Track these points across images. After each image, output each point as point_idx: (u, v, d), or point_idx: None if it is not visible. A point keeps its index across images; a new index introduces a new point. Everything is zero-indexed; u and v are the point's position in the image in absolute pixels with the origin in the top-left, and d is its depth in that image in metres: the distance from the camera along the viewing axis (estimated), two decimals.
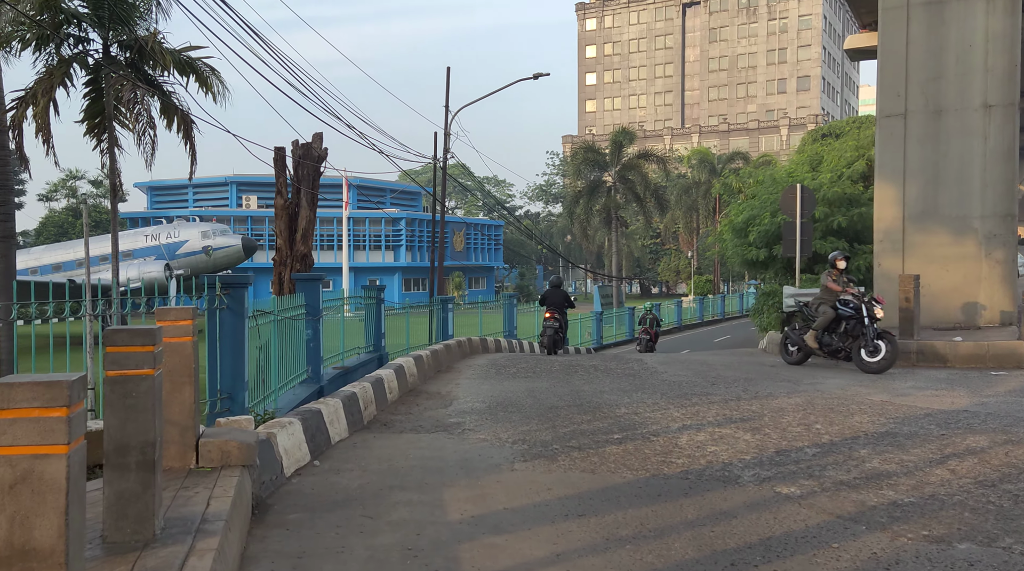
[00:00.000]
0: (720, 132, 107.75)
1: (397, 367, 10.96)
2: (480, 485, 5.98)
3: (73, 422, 2.53)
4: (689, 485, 5.80)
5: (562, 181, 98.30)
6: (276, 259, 17.95)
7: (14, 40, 13.80)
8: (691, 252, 53.31)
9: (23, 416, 2.45)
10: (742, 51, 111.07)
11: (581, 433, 7.80)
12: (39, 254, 37.25)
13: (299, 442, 6.75)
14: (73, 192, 56.41)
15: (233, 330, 7.67)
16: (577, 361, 14.29)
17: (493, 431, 8.11)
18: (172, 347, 5.13)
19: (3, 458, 2.45)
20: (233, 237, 37.46)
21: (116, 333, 3.79)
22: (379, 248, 60.62)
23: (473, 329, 23.09)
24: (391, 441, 7.76)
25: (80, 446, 2.62)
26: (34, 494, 2.48)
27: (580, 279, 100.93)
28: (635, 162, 41.97)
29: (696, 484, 5.82)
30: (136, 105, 13.31)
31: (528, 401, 9.89)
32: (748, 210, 23.93)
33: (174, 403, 5.13)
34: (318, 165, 18.30)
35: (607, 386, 11.01)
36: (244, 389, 7.76)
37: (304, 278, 11.76)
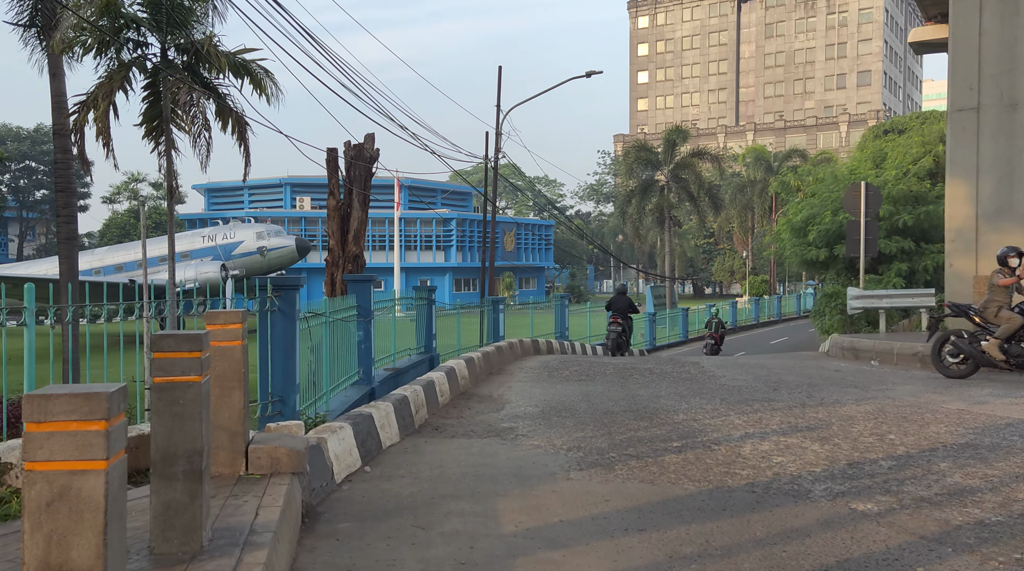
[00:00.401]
0: (776, 129, 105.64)
1: (448, 370, 10.81)
2: (535, 495, 5.77)
3: (112, 436, 2.39)
4: (756, 499, 5.50)
5: (613, 180, 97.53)
6: (328, 260, 18.04)
7: (76, 46, 14.05)
8: (746, 252, 52.24)
9: (60, 430, 2.32)
10: (799, 46, 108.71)
11: (638, 440, 7.53)
12: (102, 255, 38.25)
13: (350, 447, 6.63)
14: (135, 194, 57.89)
15: (284, 332, 7.60)
16: (632, 364, 13.98)
17: (547, 437, 7.89)
18: (221, 351, 5.03)
19: (40, 474, 2.32)
20: (287, 238, 37.93)
21: (163, 338, 3.67)
22: (430, 248, 60.88)
23: (524, 330, 22.90)
24: (442, 446, 7.60)
25: (120, 461, 2.48)
26: (71, 512, 2.35)
27: (632, 279, 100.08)
28: (689, 161, 41.23)
29: (763, 498, 5.52)
30: (192, 107, 13.43)
31: (582, 406, 9.64)
32: (807, 209, 23.28)
33: (223, 408, 5.03)
34: (370, 166, 18.32)
35: (664, 391, 10.70)
36: (295, 392, 7.68)
37: (356, 279, 11.70)
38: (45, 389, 2.38)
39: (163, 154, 14.19)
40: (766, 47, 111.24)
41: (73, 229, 15.67)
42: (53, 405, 2.33)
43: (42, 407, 2.32)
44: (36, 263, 39.17)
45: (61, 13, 13.23)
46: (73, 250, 15.59)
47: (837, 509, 5.26)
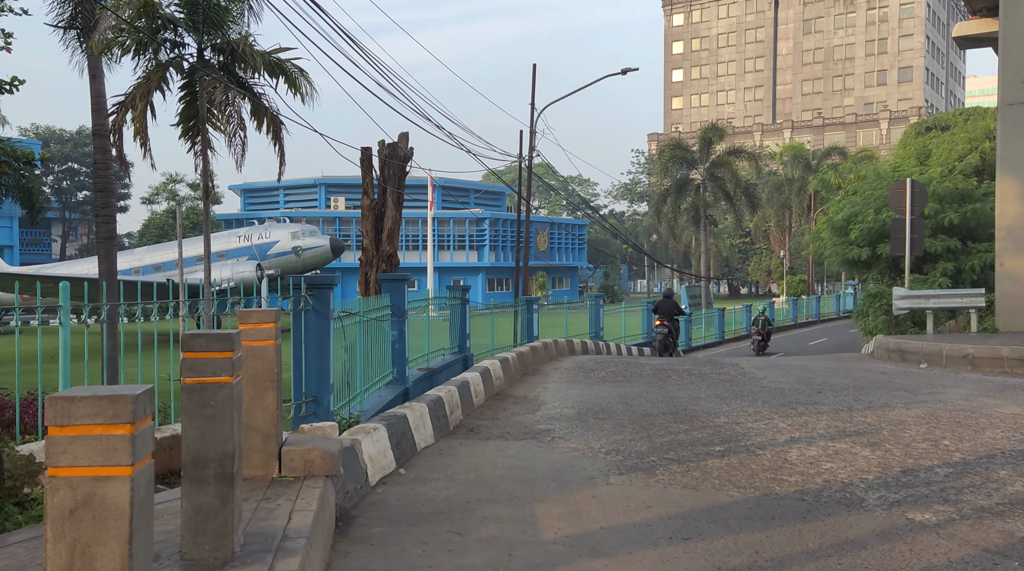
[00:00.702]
0: (814, 127, 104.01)
1: (483, 370, 10.68)
2: (574, 500, 5.59)
3: (138, 440, 2.27)
4: (806, 507, 5.26)
5: (647, 179, 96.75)
6: (362, 259, 18.02)
7: (115, 47, 14.15)
8: (783, 251, 51.39)
9: (84, 434, 2.21)
10: (839, 42, 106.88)
11: (679, 444, 7.32)
12: (141, 255, 38.79)
13: (384, 449, 6.51)
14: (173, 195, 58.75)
15: (318, 332, 7.52)
16: (669, 365, 13.72)
17: (584, 440, 7.71)
18: (254, 351, 4.93)
19: (64, 480, 2.21)
20: (321, 238, 38.12)
21: (193, 338, 3.56)
22: (463, 248, 60.89)
23: (558, 330, 22.70)
24: (478, 448, 7.46)
25: (146, 467, 2.36)
26: (96, 520, 2.23)
27: (666, 279, 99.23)
28: (725, 159, 40.63)
29: (814, 507, 5.28)
30: (227, 107, 13.47)
31: (620, 408, 9.44)
32: (849, 207, 22.77)
33: (256, 409, 4.93)
34: (404, 165, 18.27)
35: (703, 392, 10.45)
36: (329, 392, 7.59)
37: (390, 279, 11.62)
38: (69, 391, 2.27)
39: (199, 154, 14.24)
40: (804, 43, 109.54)
41: (112, 229, 15.80)
42: (76, 408, 2.21)
43: (65, 410, 2.21)
44: (77, 263, 39.86)
45: (100, 14, 13.34)
46: (112, 250, 15.71)
47: (893, 519, 5.00)
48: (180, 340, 3.62)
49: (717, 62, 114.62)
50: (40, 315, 5.66)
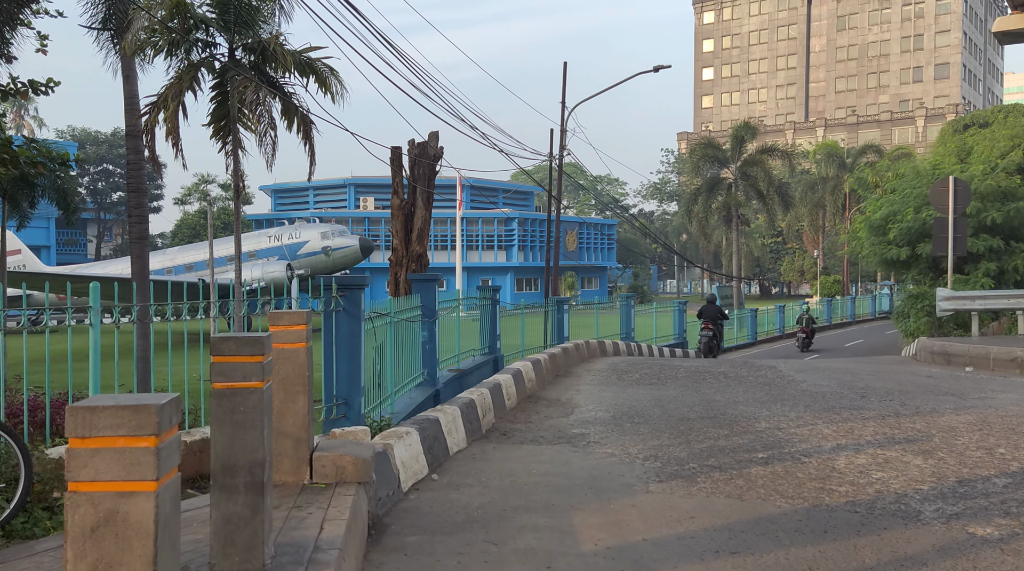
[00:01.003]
0: (848, 125, 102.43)
1: (515, 372, 10.50)
2: (613, 509, 5.39)
3: (163, 453, 2.12)
4: (860, 520, 5.01)
5: (677, 179, 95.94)
6: (392, 259, 17.92)
7: (148, 47, 14.17)
8: (817, 251, 50.55)
9: (106, 446, 2.07)
10: (873, 39, 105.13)
11: (719, 450, 7.08)
12: (173, 255, 39.16)
13: (416, 454, 6.36)
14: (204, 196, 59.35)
15: (349, 333, 7.39)
16: (705, 367, 13.44)
17: (621, 445, 7.50)
18: (285, 354, 4.80)
19: (85, 496, 2.07)
20: (351, 238, 38.19)
21: (223, 341, 3.42)
22: (491, 248, 60.77)
23: (588, 331, 22.46)
24: (512, 453, 7.28)
25: (172, 481, 2.21)
26: (118, 539, 2.09)
27: (696, 279, 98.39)
28: (757, 157, 39.99)
29: (868, 519, 5.03)
30: (258, 106, 13.42)
31: (656, 411, 9.21)
32: (887, 206, 22.27)
33: (287, 414, 4.80)
34: (434, 164, 18.14)
35: (741, 396, 10.18)
36: (360, 395, 7.46)
37: (420, 279, 11.49)
38: (91, 400, 2.13)
39: (230, 154, 14.22)
40: (838, 40, 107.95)
41: (144, 229, 15.86)
42: (98, 418, 2.07)
43: (86, 420, 2.07)
44: (111, 263, 40.37)
45: (133, 14, 13.37)
46: (144, 250, 15.77)
47: (953, 534, 4.74)
48: (210, 343, 3.48)
49: (748, 60, 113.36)
50: (71, 315, 5.58)
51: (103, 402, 2.08)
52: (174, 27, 13.81)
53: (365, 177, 62.35)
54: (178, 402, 2.24)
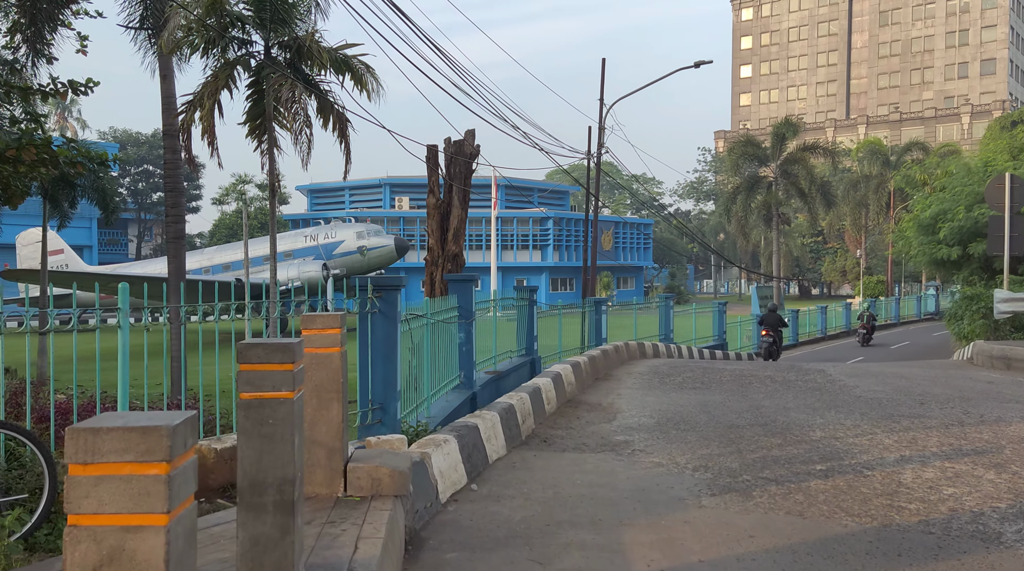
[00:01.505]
0: (891, 122, 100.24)
1: (555, 375, 10.18)
2: (664, 526, 5.06)
3: (176, 482, 1.85)
4: (936, 542, 4.61)
5: (714, 178, 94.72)
6: (428, 259, 17.70)
7: (184, 46, 14.11)
8: (860, 251, 49.40)
9: (111, 474, 1.80)
10: (917, 34, 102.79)
11: (774, 461, 6.69)
12: (211, 254, 39.46)
13: (455, 463, 6.08)
14: (242, 196, 59.87)
15: (385, 335, 7.14)
16: (750, 370, 12.99)
17: (668, 453, 7.15)
18: (319, 359, 4.55)
19: (86, 531, 1.81)
20: (386, 237, 38.13)
21: (250, 348, 3.16)
22: (526, 248, 60.43)
23: (625, 332, 22.05)
24: (554, 462, 6.97)
25: (186, 512, 1.94)
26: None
27: (733, 279, 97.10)
28: (799, 155, 39.08)
29: (945, 541, 4.63)
30: (293, 104, 13.27)
31: (702, 418, 8.83)
32: (937, 204, 21.54)
33: (320, 422, 4.54)
34: (470, 162, 17.89)
35: (791, 402, 9.75)
36: (396, 399, 7.21)
37: (457, 279, 11.23)
38: (95, 421, 1.87)
39: (266, 153, 14.11)
40: (880, 36, 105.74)
41: (181, 229, 15.83)
42: (102, 442, 1.81)
43: (88, 444, 1.81)
44: (151, 262, 40.81)
45: (170, 12, 13.31)
46: (181, 249, 15.74)
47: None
48: (236, 350, 3.22)
49: (788, 56, 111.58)
50: (99, 315, 5.39)
51: (108, 423, 1.82)
52: (211, 25, 13.73)
53: (400, 177, 62.43)
54: (193, 422, 1.97)
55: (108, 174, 20.23)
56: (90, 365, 5.92)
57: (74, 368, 5.72)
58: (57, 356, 17.38)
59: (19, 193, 10.65)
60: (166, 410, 6.12)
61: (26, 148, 9.73)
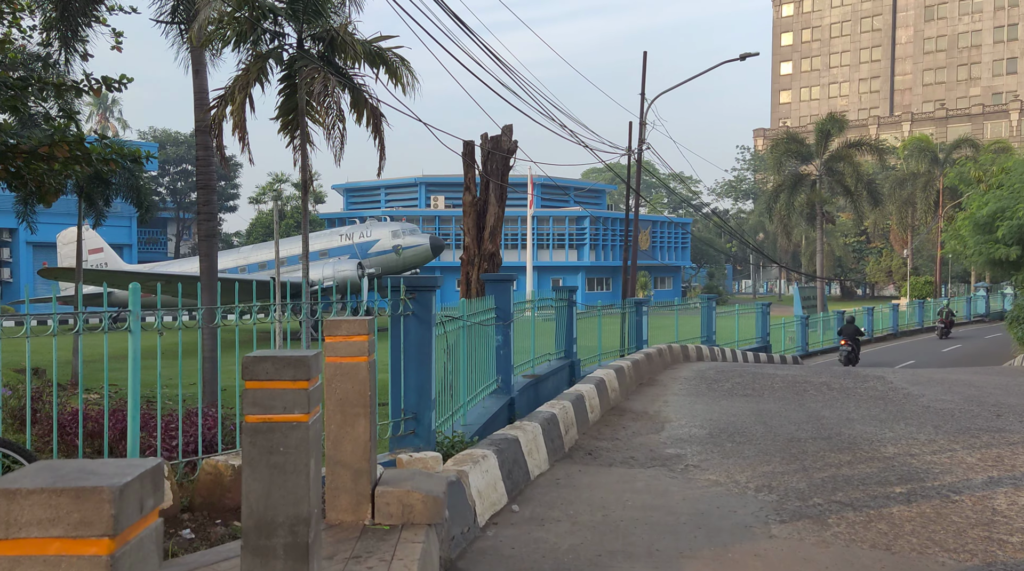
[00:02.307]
0: (936, 119, 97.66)
1: (598, 381, 9.61)
2: (732, 559, 4.47)
3: (123, 563, 1.33)
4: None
5: (753, 176, 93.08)
6: (463, 258, 17.20)
7: (216, 39, 13.77)
8: (906, 251, 47.85)
9: (33, 554, 1.29)
10: (964, 29, 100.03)
11: (845, 481, 6.06)
12: (247, 253, 39.45)
13: (494, 480, 5.55)
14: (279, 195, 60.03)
15: (419, 339, 6.63)
16: (804, 376, 12.28)
17: (725, 470, 6.55)
18: (344, 369, 4.04)
19: None
20: (421, 236, 37.79)
21: (258, 362, 2.65)
22: (562, 247, 59.76)
23: (664, 333, 21.37)
24: (600, 478, 6.41)
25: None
26: None
27: (772, 279, 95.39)
28: (845, 152, 37.89)
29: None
30: (326, 98, 12.84)
31: (758, 429, 8.20)
32: (994, 202, 20.48)
33: (345, 440, 4.04)
34: (507, 159, 17.37)
35: (853, 412, 9.05)
36: (430, 408, 6.70)
37: (494, 279, 10.71)
38: (14, 477, 1.36)
39: (298, 148, 13.72)
40: (926, 31, 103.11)
41: (213, 226, 15.53)
42: (21, 509, 1.30)
43: (3, 513, 1.30)
44: (188, 261, 40.95)
45: (200, 3, 12.98)
46: (213, 247, 15.44)
47: None
48: (242, 364, 2.72)
49: (830, 53, 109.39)
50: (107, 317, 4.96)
51: (31, 482, 1.31)
52: (242, 16, 13.37)
53: (436, 175, 62.22)
54: (156, 475, 1.45)
55: (143, 172, 20.07)
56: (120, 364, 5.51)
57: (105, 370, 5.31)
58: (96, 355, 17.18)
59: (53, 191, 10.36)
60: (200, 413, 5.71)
61: (58, 145, 9.44)
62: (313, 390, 2.73)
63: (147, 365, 5.11)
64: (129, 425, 4.76)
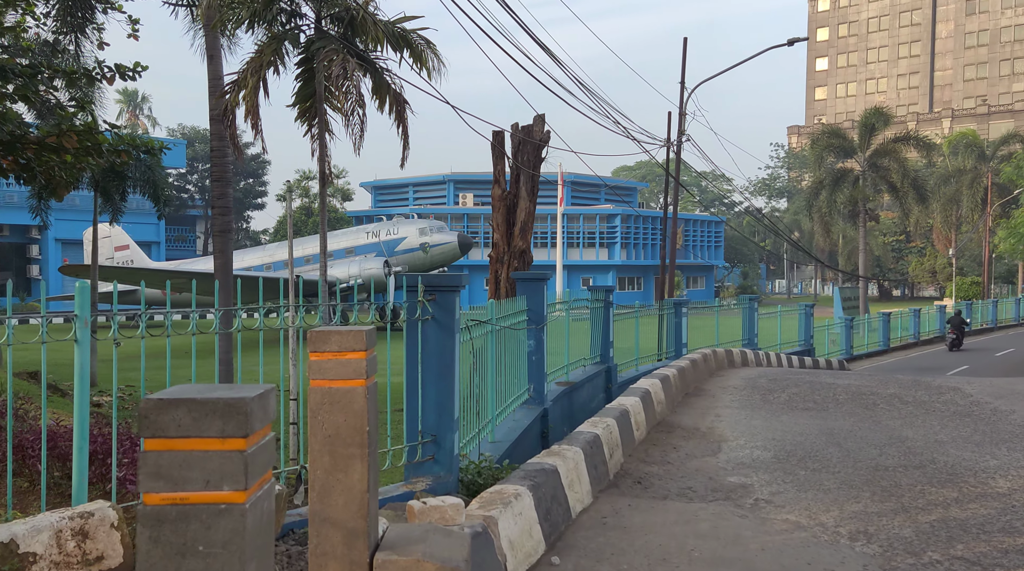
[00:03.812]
0: (978, 115, 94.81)
1: (643, 393, 8.53)
2: None
3: None
4: None
5: (787, 174, 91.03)
6: (492, 256, 16.16)
7: (228, 21, 12.90)
8: (951, 250, 46.00)
9: None
10: (1007, 23, 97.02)
11: (960, 527, 4.93)
12: (272, 251, 38.84)
13: (529, 525, 4.52)
14: (306, 192, 59.51)
15: (440, 348, 5.62)
16: (868, 387, 11.08)
17: (805, 507, 5.46)
18: (334, 397, 3.03)
19: None
20: (449, 234, 36.91)
21: (165, 409, 1.64)
22: (592, 245, 58.58)
23: (702, 335, 20.19)
24: (655, 516, 5.35)
25: None
26: None
27: (806, 279, 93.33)
28: (891, 147, 36.27)
29: None
30: (345, 81, 11.89)
31: (833, 452, 7.08)
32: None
33: (335, 491, 3.03)
34: (539, 150, 16.31)
35: (940, 432, 7.88)
36: (453, 430, 5.68)
37: (526, 278, 9.67)
38: None
39: (315, 138, 12.80)
40: (967, 25, 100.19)
41: (228, 221, 14.69)
42: None
43: None
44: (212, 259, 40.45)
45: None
46: (228, 243, 14.62)
47: None
48: (140, 410, 1.70)
49: (867, 48, 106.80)
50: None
51: None
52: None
53: (464, 173, 61.38)
54: None
55: (160, 166, 19.35)
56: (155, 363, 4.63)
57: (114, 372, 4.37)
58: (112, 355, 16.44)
59: (64, 184, 9.53)
60: None
61: (67, 135, 8.61)
62: (254, 451, 1.72)
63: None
64: (75, 459, 3.80)
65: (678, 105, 19.76)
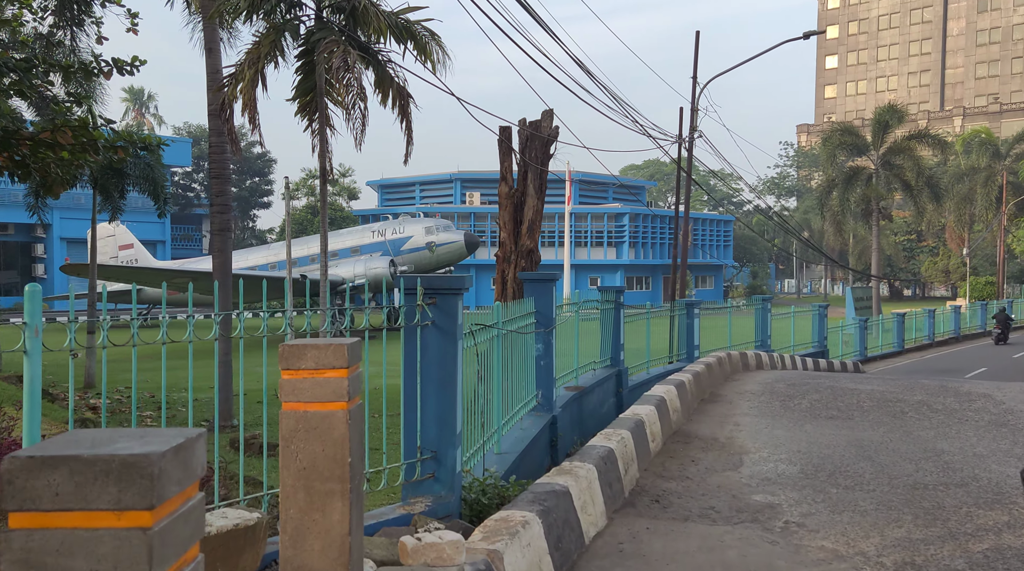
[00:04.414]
0: (990, 114, 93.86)
1: (658, 401, 8.04)
2: None
3: None
4: None
5: (796, 173, 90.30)
6: (499, 255, 15.68)
7: (225, 11, 12.47)
8: (965, 249, 45.31)
9: None
10: (1019, 20, 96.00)
11: (1018, 557, 4.44)
12: (277, 250, 38.46)
13: (539, 557, 4.04)
14: (312, 191, 59.11)
15: (441, 356, 5.15)
16: (894, 394, 10.56)
17: (841, 532, 4.97)
18: (310, 423, 2.56)
19: None
20: (456, 233, 36.44)
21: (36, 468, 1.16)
22: (600, 245, 58.03)
23: (712, 336, 19.64)
24: (677, 542, 4.86)
25: None
26: None
27: (816, 279, 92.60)
28: (905, 145, 35.64)
29: None
30: (346, 73, 11.44)
31: (865, 467, 6.58)
32: None
33: (311, 533, 2.56)
34: (547, 147, 15.83)
35: (977, 444, 7.37)
36: (455, 445, 5.21)
37: (534, 278, 9.20)
38: None
39: (316, 133, 12.35)
40: (979, 23, 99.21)
41: (226, 219, 14.25)
42: None
43: None
44: None
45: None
46: (227, 242, 14.17)
47: None
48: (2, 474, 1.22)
49: (877, 46, 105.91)
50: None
51: None
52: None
53: (471, 171, 60.91)
54: None
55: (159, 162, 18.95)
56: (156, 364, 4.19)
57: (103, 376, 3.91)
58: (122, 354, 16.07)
59: (60, 181, 9.11)
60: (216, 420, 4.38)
61: (61, 130, 8.20)
62: (165, 528, 1.24)
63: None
64: None
65: (690, 100, 19.24)
